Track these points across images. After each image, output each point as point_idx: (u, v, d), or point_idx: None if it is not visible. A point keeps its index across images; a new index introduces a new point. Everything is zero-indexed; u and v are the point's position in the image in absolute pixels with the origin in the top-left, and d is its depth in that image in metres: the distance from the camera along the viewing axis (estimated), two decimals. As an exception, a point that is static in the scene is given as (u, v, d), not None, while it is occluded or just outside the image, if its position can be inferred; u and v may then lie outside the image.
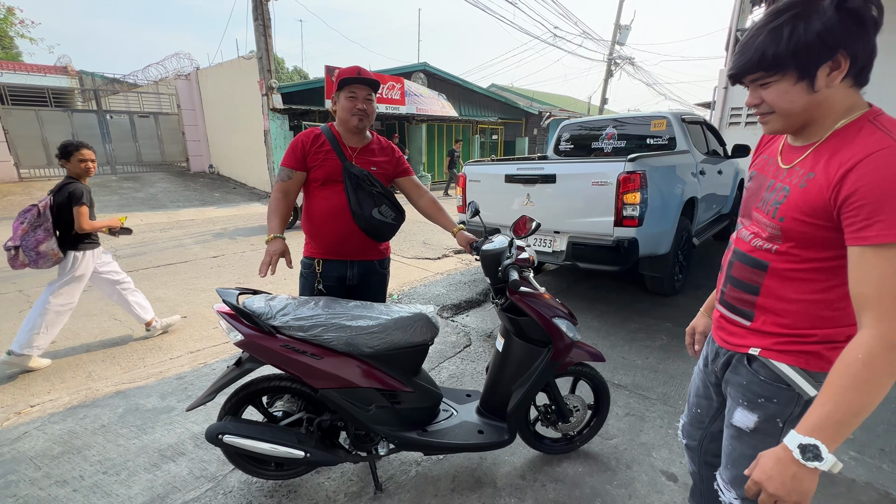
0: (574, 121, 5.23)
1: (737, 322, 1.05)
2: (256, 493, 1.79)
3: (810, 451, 0.75)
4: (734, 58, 0.89)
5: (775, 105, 0.87)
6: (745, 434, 1.05)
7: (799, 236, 0.89)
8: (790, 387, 0.96)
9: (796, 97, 0.85)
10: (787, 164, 0.96)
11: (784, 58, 0.82)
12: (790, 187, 0.91)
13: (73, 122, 11.23)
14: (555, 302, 1.76)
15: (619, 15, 18.00)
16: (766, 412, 1.00)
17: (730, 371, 1.09)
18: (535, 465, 1.97)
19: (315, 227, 1.87)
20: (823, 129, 0.88)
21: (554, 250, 3.54)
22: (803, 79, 0.83)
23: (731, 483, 1.11)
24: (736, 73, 0.89)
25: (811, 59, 0.81)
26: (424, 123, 13.84)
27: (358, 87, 1.79)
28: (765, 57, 0.83)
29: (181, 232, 7.13)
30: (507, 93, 22.84)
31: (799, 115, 0.87)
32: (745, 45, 0.87)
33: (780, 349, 0.96)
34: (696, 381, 1.31)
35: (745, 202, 1.08)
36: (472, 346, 3.19)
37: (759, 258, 0.98)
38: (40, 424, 2.23)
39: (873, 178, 0.76)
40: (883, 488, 1.82)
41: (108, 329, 3.41)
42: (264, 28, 9.22)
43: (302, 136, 1.86)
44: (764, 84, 0.87)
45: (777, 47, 0.81)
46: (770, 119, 0.91)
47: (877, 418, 2.29)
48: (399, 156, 2.01)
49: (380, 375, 1.61)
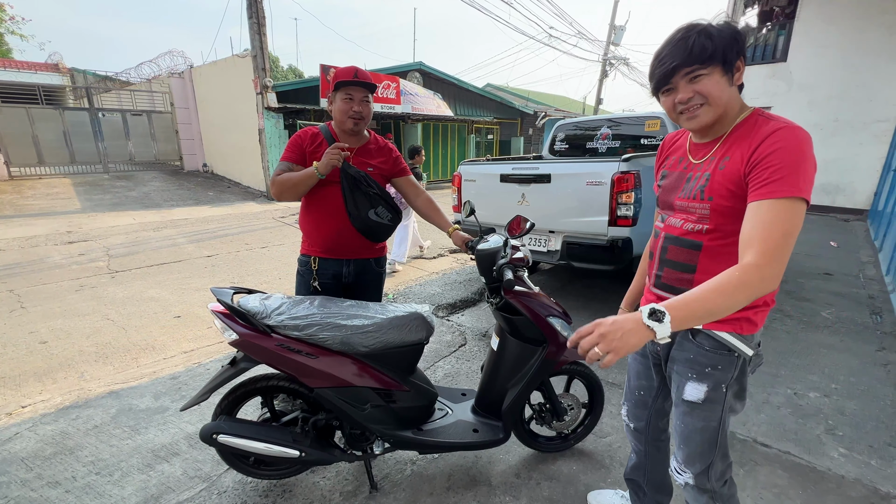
0: (569, 121, 5.25)
1: None
2: (251, 493, 1.78)
3: (657, 315, 0.83)
4: (666, 58, 1.02)
5: (711, 94, 1.01)
6: (696, 407, 1.17)
7: (725, 211, 1.05)
8: (731, 352, 1.12)
9: (724, 88, 1.02)
10: (699, 158, 1.13)
11: (715, 52, 0.98)
12: (710, 172, 1.07)
13: (65, 119, 11.11)
14: (549, 301, 1.77)
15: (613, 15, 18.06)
16: (713, 380, 1.14)
17: (675, 349, 1.20)
18: (530, 463, 1.98)
19: (312, 226, 1.88)
20: (727, 125, 1.07)
21: (549, 250, 3.55)
22: (727, 73, 1.01)
23: (685, 462, 1.22)
24: (677, 65, 1.00)
25: (730, 56, 0.99)
26: (420, 123, 13.82)
27: (354, 90, 1.78)
28: (704, 50, 0.97)
29: (175, 231, 7.07)
30: (502, 92, 22.86)
31: (722, 106, 1.03)
32: (675, 48, 1.01)
33: (720, 320, 1.04)
34: (635, 367, 1.42)
35: (665, 196, 1.22)
36: (467, 345, 3.20)
37: (693, 239, 1.12)
38: (32, 425, 2.21)
39: (772, 147, 0.94)
40: (871, 484, 1.84)
41: (100, 329, 3.39)
42: (259, 26, 9.17)
43: (301, 133, 1.86)
44: (696, 77, 1.01)
45: (712, 43, 0.97)
46: (701, 111, 1.04)
47: (865, 415, 2.32)
48: (397, 155, 2.01)
49: (375, 374, 1.61)
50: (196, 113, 13.05)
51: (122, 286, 4.37)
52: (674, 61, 1.00)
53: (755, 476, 1.89)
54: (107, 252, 5.69)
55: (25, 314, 3.64)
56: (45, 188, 9.84)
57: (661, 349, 1.26)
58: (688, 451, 1.21)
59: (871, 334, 3.34)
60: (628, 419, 1.49)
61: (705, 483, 1.21)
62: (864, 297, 4.13)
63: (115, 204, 9.16)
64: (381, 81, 11.82)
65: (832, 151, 9.08)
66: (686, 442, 1.21)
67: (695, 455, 1.20)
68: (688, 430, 1.19)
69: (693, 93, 1.02)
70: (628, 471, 1.58)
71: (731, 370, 1.13)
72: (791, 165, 0.92)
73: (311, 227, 1.89)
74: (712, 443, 1.17)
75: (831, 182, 9.21)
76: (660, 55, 1.04)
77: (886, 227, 5.63)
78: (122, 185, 10.72)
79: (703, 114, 1.04)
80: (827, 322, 3.56)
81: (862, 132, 8.76)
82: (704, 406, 1.15)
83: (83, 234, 6.69)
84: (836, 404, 2.43)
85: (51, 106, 11.33)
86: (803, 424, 2.25)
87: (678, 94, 1.04)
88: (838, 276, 4.80)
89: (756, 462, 1.98)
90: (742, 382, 1.17)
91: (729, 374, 1.13)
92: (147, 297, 4.06)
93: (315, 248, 1.89)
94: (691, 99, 1.03)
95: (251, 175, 11.52)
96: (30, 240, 6.19)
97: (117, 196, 9.82)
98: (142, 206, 9.20)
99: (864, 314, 3.72)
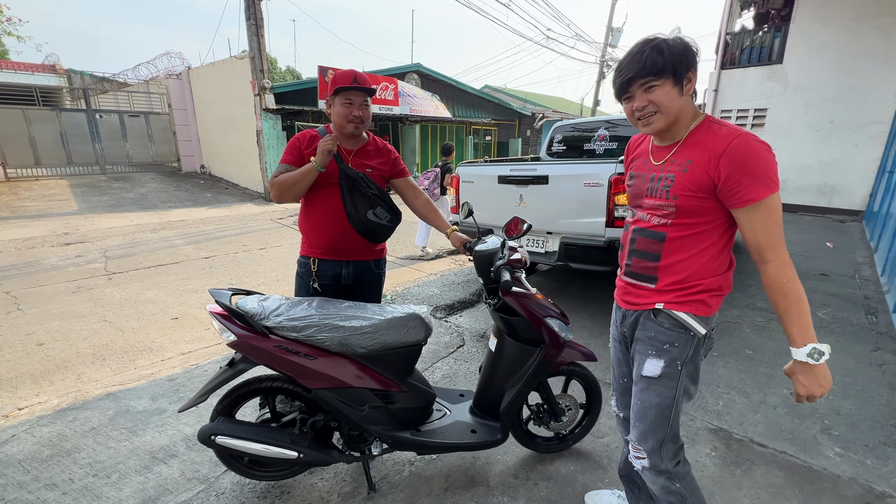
0: (567, 122, 5.26)
1: (643, 287, 1.31)
2: (249, 495, 1.78)
3: (815, 352, 1.05)
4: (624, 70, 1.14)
5: (662, 104, 1.13)
6: (652, 382, 1.28)
7: (687, 208, 1.18)
8: (688, 331, 1.23)
9: (675, 98, 1.13)
10: (659, 160, 1.25)
11: (665, 66, 1.10)
12: (673, 174, 1.19)
13: (62, 121, 11.07)
14: (547, 302, 1.78)
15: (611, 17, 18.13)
16: (669, 356, 1.25)
17: (639, 329, 1.32)
18: (528, 463, 1.98)
19: (312, 228, 1.88)
20: (682, 130, 1.19)
21: (546, 251, 3.56)
22: (677, 84, 1.12)
23: (639, 439, 1.32)
24: (633, 77, 1.13)
25: (681, 69, 1.11)
26: (418, 124, 13.83)
27: (354, 94, 1.78)
28: (655, 64, 1.10)
29: (172, 232, 7.06)
30: (500, 94, 22.90)
31: (674, 114, 1.15)
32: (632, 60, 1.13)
33: (679, 301, 1.23)
34: (615, 354, 1.51)
35: (634, 195, 1.35)
36: (465, 346, 3.20)
37: (658, 231, 1.26)
38: (28, 427, 2.20)
39: (738, 161, 1.08)
40: (867, 483, 1.86)
41: (97, 330, 3.38)
42: (257, 28, 9.17)
43: (299, 136, 1.86)
44: (650, 87, 1.13)
45: (662, 58, 1.09)
46: (655, 119, 1.16)
47: (861, 415, 2.33)
48: (396, 157, 2.01)
49: (373, 375, 1.61)
50: (194, 114, 13.03)
51: (120, 288, 4.36)
52: (630, 73, 1.13)
53: (752, 475, 1.90)
54: (104, 254, 5.68)
55: (22, 316, 3.62)
56: (41, 189, 9.81)
57: (627, 331, 1.38)
58: (642, 427, 1.30)
59: (867, 335, 3.36)
60: (617, 408, 1.56)
61: (659, 463, 1.29)
62: (860, 298, 4.15)
63: (113, 205, 9.14)
64: (378, 83, 11.84)
65: (828, 153, 9.13)
66: (640, 418, 1.30)
67: (648, 431, 1.29)
68: (643, 406, 1.30)
69: (647, 101, 1.14)
70: (621, 466, 1.62)
71: (686, 348, 1.24)
72: (758, 169, 1.06)
73: (310, 228, 1.89)
74: (665, 419, 1.27)
75: (827, 183, 9.25)
76: (620, 67, 1.17)
77: (882, 228, 5.67)
78: (120, 187, 10.69)
79: (657, 120, 1.16)
80: (823, 322, 3.58)
81: (857, 134, 8.81)
82: (660, 381, 1.26)
83: (80, 235, 6.67)
84: (831, 404, 2.44)
85: (48, 107, 11.28)
86: (799, 424, 2.26)
87: (635, 101, 1.17)
88: (834, 276, 4.82)
89: (753, 462, 1.99)
90: (696, 362, 1.28)
91: (685, 352, 1.24)
92: (145, 299, 4.05)
93: (314, 250, 1.89)
94: (646, 107, 1.15)
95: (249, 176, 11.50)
96: (26, 241, 6.16)
97: (114, 197, 9.79)
98: (139, 207, 9.18)
99: (860, 315, 3.75)
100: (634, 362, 1.35)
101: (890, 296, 4.01)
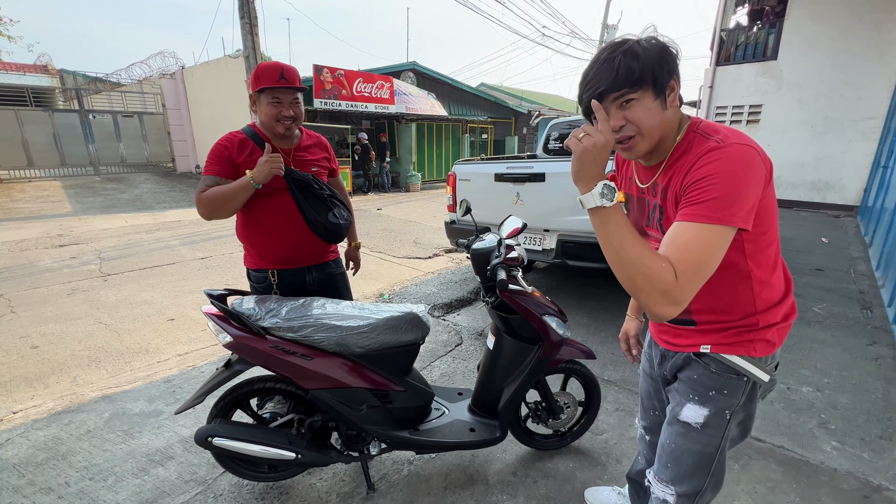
0: (563, 120, 5.26)
1: (681, 328, 1.09)
2: (247, 496, 1.77)
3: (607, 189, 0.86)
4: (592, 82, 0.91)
5: (641, 123, 0.91)
6: (692, 430, 1.07)
7: None
8: (741, 376, 1.02)
9: (655, 113, 0.91)
10: (644, 182, 1.05)
11: (644, 75, 0.88)
12: (662, 204, 0.99)
13: (55, 122, 10.99)
14: (545, 300, 1.77)
15: (606, 15, 18.16)
16: (716, 405, 1.04)
17: (682, 370, 1.11)
18: (527, 461, 1.98)
19: (265, 239, 1.72)
20: (667, 147, 0.97)
21: (544, 248, 3.56)
22: (658, 96, 0.90)
23: (673, 481, 1.12)
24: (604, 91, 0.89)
25: (661, 77, 0.89)
26: (414, 123, 13.80)
27: (281, 92, 1.61)
28: (631, 73, 0.87)
29: (168, 233, 7.01)
30: (496, 92, 22.88)
31: (657, 133, 0.93)
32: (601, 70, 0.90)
33: (728, 342, 1.01)
34: (646, 386, 1.34)
35: (634, 222, 1.14)
36: (463, 344, 3.20)
37: None
38: (24, 431, 2.18)
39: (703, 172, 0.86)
40: (864, 476, 1.87)
41: (93, 332, 3.35)
42: (251, 27, 9.11)
43: (224, 142, 1.65)
44: (627, 102, 0.90)
45: (639, 64, 0.87)
46: (635, 142, 0.94)
47: (857, 409, 2.35)
48: (331, 151, 1.92)
49: (371, 375, 1.60)
50: (188, 114, 12.96)
51: (115, 289, 4.33)
52: (600, 85, 0.90)
53: (749, 470, 1.91)
54: (99, 255, 5.63)
55: (16, 319, 3.59)
56: (34, 191, 9.73)
57: (668, 374, 1.17)
58: (677, 471, 1.10)
59: (862, 329, 3.38)
60: (645, 431, 1.41)
61: None
62: (855, 293, 4.17)
63: (107, 206, 9.07)
64: (374, 81, 11.81)
65: (822, 149, 9.18)
66: (676, 462, 1.10)
67: (683, 476, 1.10)
68: (679, 450, 1.10)
69: (624, 120, 0.92)
70: (633, 472, 1.52)
71: (738, 395, 1.03)
72: (719, 189, 0.83)
73: (263, 239, 1.72)
74: (704, 469, 1.07)
75: (822, 179, 9.31)
76: (586, 78, 0.93)
77: (876, 223, 5.70)
78: (114, 188, 10.62)
79: (638, 144, 0.94)
80: (819, 317, 3.60)
81: (851, 129, 8.86)
82: (703, 431, 1.05)
83: (74, 237, 6.61)
84: (828, 398, 2.45)
85: (40, 108, 11.19)
86: (796, 419, 2.27)
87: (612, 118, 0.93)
88: (829, 271, 4.85)
89: (750, 456, 1.99)
90: (749, 410, 1.07)
91: (735, 399, 1.03)
92: (140, 300, 4.03)
93: (270, 262, 1.75)
94: (623, 127, 0.92)
95: (245, 176, 11.44)
96: (20, 243, 6.11)
97: (109, 198, 9.73)
98: (134, 208, 9.12)
99: (855, 309, 3.77)
100: (670, 398, 1.15)
101: (885, 290, 4.04)
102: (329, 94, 10.92)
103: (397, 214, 8.74)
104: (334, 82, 10.97)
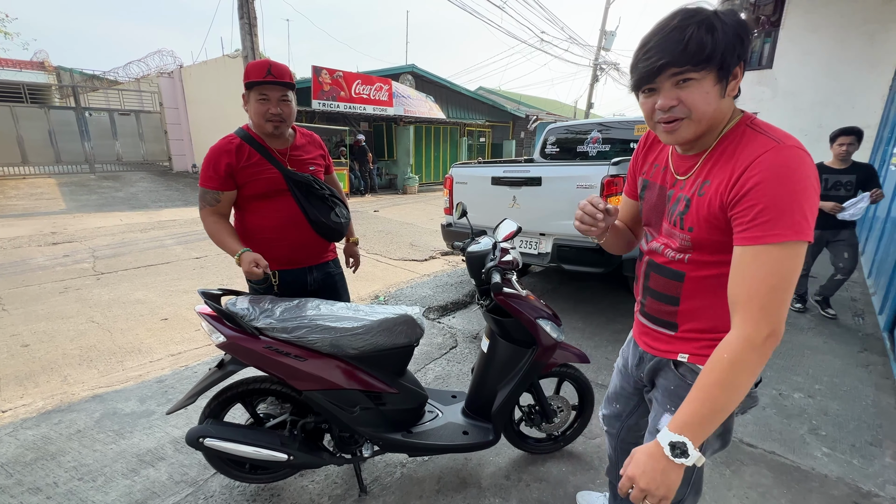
0: (560, 124, 5.29)
1: (661, 332, 1.07)
2: (238, 498, 1.76)
3: (678, 447, 0.78)
4: (654, 52, 0.81)
5: (695, 106, 0.83)
6: None
7: (708, 243, 0.90)
8: None
9: (713, 100, 0.82)
10: (683, 174, 0.96)
11: (714, 53, 0.78)
12: (690, 197, 0.91)
13: (51, 119, 10.93)
14: (539, 303, 1.78)
15: (604, 21, 18.28)
16: None
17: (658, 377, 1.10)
18: (520, 465, 1.98)
19: (268, 238, 1.72)
20: (711, 138, 0.90)
21: (539, 252, 3.57)
22: (720, 81, 0.82)
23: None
24: (666, 63, 0.80)
25: (730, 60, 0.80)
26: (412, 125, 13.83)
27: (269, 89, 1.59)
28: (702, 48, 0.77)
29: (163, 232, 6.98)
30: (494, 96, 22.97)
31: (707, 122, 0.85)
32: (667, 39, 0.80)
33: (706, 353, 0.94)
34: (618, 381, 1.35)
35: (650, 212, 1.07)
36: (457, 347, 3.20)
37: (675, 269, 0.99)
38: (12, 430, 2.16)
39: (757, 179, 0.77)
40: (854, 483, 1.88)
41: (85, 331, 3.32)
42: (250, 27, 9.11)
43: (219, 149, 1.63)
44: (685, 80, 0.81)
45: (713, 40, 0.77)
46: (681, 126, 0.86)
47: (848, 415, 2.36)
48: (325, 148, 1.93)
49: (364, 377, 1.60)
50: (185, 113, 12.92)
51: (108, 288, 4.30)
52: (662, 58, 0.80)
53: (741, 476, 1.92)
54: (92, 253, 5.59)
55: (7, 316, 3.55)
56: (29, 188, 9.65)
57: (644, 377, 1.16)
58: None
59: (854, 336, 3.41)
60: (604, 424, 1.46)
61: None
62: (847, 300, 4.21)
63: (102, 205, 9.01)
64: (373, 83, 11.84)
65: (816, 157, 9.03)
66: None
67: None
68: None
69: (676, 100, 0.83)
70: (607, 469, 1.57)
71: None
72: (781, 200, 0.74)
73: (265, 238, 1.72)
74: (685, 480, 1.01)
75: (815, 187, 9.39)
76: (646, 46, 0.83)
77: (868, 231, 5.76)
78: (109, 186, 10.56)
79: (683, 129, 0.86)
80: (811, 324, 3.62)
81: (845, 138, 8.95)
82: None
83: (68, 235, 6.56)
84: (819, 405, 2.47)
85: (36, 104, 11.12)
86: (788, 424, 2.28)
87: (659, 97, 0.85)
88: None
89: (742, 462, 2.00)
90: (727, 424, 1.02)
91: None
92: (133, 300, 4.00)
93: (271, 262, 1.70)
94: (673, 108, 0.84)
95: (241, 176, 11.40)
96: (13, 241, 6.05)
97: (104, 197, 9.67)
98: (129, 206, 9.06)
99: (847, 316, 3.80)
100: (651, 408, 1.14)
101: (876, 298, 4.08)
102: (328, 96, 10.93)
103: (394, 216, 8.74)
104: (333, 84, 10.99)
